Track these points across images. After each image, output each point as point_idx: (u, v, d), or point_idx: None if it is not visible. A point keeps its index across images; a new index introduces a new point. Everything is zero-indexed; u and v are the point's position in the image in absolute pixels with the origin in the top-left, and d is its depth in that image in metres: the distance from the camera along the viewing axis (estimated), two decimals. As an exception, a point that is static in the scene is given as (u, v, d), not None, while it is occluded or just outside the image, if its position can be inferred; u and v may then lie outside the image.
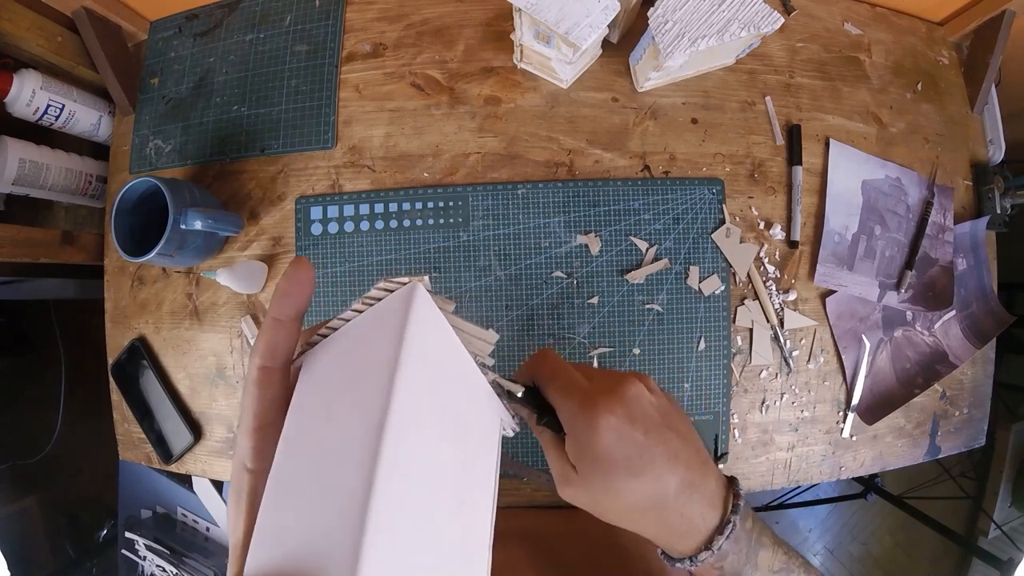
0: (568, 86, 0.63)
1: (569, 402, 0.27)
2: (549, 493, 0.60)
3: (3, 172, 0.61)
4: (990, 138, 0.71)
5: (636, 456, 0.26)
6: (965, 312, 0.68)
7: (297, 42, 0.66)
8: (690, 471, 0.27)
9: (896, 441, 0.66)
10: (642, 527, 0.28)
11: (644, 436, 0.26)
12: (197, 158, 0.67)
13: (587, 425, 0.26)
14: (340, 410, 0.20)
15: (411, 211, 0.62)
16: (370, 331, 0.21)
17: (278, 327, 0.22)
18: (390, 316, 0.21)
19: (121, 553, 0.80)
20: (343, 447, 0.18)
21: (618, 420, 0.26)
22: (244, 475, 0.22)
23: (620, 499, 0.26)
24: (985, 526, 1.43)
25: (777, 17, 0.51)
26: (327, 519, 0.17)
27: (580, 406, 0.26)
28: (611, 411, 0.26)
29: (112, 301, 0.69)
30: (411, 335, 0.20)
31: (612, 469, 0.26)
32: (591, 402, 0.26)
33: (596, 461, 0.26)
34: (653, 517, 0.27)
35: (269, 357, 0.22)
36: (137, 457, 0.68)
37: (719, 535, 0.28)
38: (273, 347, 0.22)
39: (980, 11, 0.66)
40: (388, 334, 0.20)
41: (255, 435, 0.22)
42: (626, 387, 0.27)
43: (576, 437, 0.27)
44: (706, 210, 0.62)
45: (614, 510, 0.27)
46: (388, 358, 0.19)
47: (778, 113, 0.64)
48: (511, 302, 0.62)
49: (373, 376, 0.19)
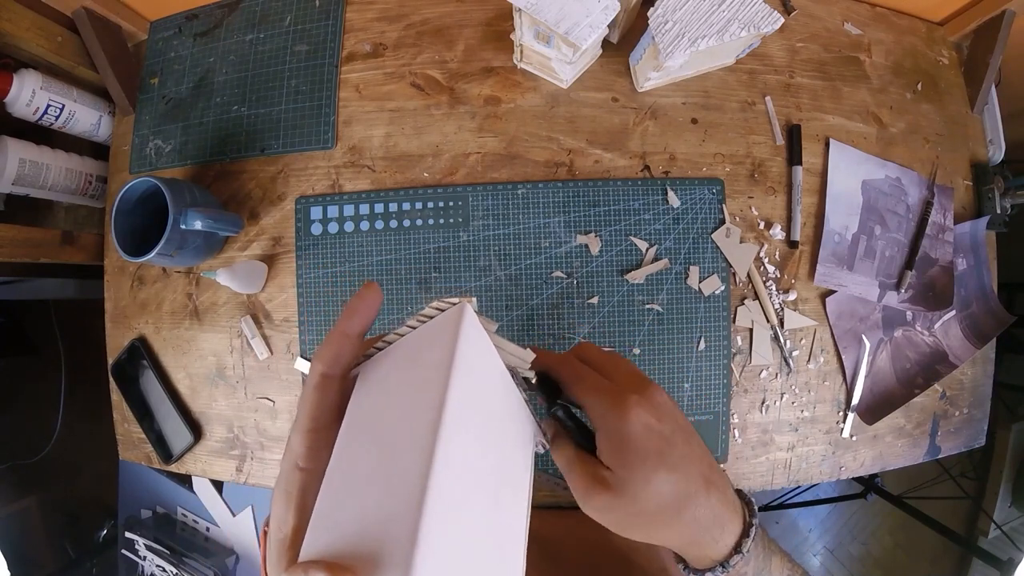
0: (568, 86, 0.63)
1: (605, 398, 0.27)
2: (549, 493, 0.60)
3: (3, 172, 0.61)
4: (990, 138, 0.71)
5: (668, 450, 0.26)
6: (965, 312, 0.68)
7: (297, 42, 0.66)
8: (711, 471, 0.28)
9: (896, 441, 0.66)
10: (676, 531, 0.27)
11: (671, 433, 0.27)
12: (197, 158, 0.67)
13: (624, 418, 0.26)
14: (396, 413, 0.22)
15: (411, 211, 0.62)
16: (424, 345, 0.24)
17: (344, 340, 0.24)
18: (442, 333, 0.23)
19: (121, 553, 0.80)
20: (400, 445, 0.20)
21: (648, 416, 0.27)
22: (296, 473, 0.24)
23: (658, 495, 0.26)
24: (985, 526, 1.43)
25: (777, 17, 0.51)
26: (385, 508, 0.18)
27: (616, 402, 0.27)
28: (641, 406, 0.27)
29: (112, 301, 0.69)
30: (461, 350, 0.22)
31: (647, 460, 0.26)
32: (622, 399, 0.27)
33: (634, 453, 0.26)
34: (687, 517, 0.27)
35: (332, 365, 0.24)
36: (137, 457, 0.68)
37: (745, 537, 0.28)
38: (337, 357, 0.24)
39: (980, 11, 0.66)
40: (441, 348, 0.22)
41: (310, 436, 0.24)
42: (653, 390, 0.28)
43: (611, 430, 0.27)
44: (706, 210, 0.62)
45: (649, 510, 0.26)
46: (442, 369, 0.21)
47: (778, 113, 0.64)
48: (511, 302, 0.62)
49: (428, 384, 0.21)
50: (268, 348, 0.64)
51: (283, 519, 0.23)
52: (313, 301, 0.63)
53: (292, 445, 0.24)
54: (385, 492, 0.19)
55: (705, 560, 0.29)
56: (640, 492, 0.26)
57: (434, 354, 0.22)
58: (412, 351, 0.24)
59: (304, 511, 0.23)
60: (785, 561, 0.32)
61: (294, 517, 0.23)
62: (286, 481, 0.24)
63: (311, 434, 0.24)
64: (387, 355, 0.25)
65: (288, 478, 0.24)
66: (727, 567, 0.28)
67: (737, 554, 0.28)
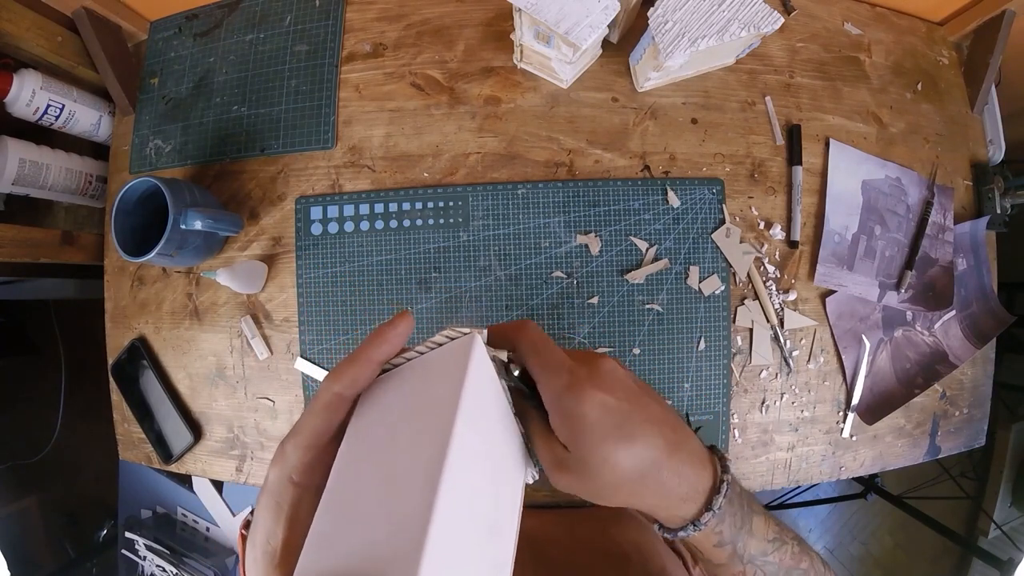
0: (568, 86, 0.63)
1: (555, 379, 0.27)
2: (549, 493, 0.60)
3: (3, 172, 0.61)
4: (990, 138, 0.71)
5: (626, 423, 0.26)
6: (965, 312, 0.68)
7: (297, 42, 0.66)
8: (675, 432, 0.28)
9: (896, 441, 0.66)
10: (641, 497, 0.27)
11: (628, 405, 0.27)
12: (197, 158, 0.67)
13: (576, 400, 0.26)
14: (403, 439, 0.22)
15: (411, 211, 0.62)
16: (432, 374, 0.24)
17: (366, 365, 0.24)
18: (452, 361, 0.23)
19: (121, 553, 0.80)
20: (404, 477, 0.20)
21: (603, 393, 0.26)
22: (289, 487, 0.23)
23: (618, 469, 0.26)
24: (985, 526, 1.43)
25: (777, 17, 0.51)
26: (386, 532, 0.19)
27: (567, 384, 0.26)
28: (596, 385, 0.26)
29: (112, 301, 0.69)
30: (470, 381, 0.22)
31: (605, 439, 0.26)
32: (575, 379, 0.26)
33: (589, 434, 0.26)
34: (652, 483, 0.27)
35: (348, 388, 0.24)
36: (137, 457, 0.68)
37: (716, 494, 0.28)
38: (355, 381, 0.24)
39: (980, 11, 0.66)
40: (451, 376, 0.23)
41: (310, 452, 0.24)
42: (602, 362, 0.28)
43: (565, 414, 0.26)
44: (706, 210, 0.62)
45: (612, 484, 0.26)
46: (450, 399, 0.21)
47: (778, 113, 0.64)
48: (511, 302, 0.62)
49: (435, 412, 0.21)
50: (268, 348, 0.64)
51: (272, 531, 0.23)
52: (313, 301, 0.63)
53: (288, 456, 0.24)
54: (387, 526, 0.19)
55: (676, 520, 0.29)
56: (600, 469, 0.26)
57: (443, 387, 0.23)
58: (420, 379, 0.24)
59: (295, 525, 0.23)
60: (771, 523, 0.31)
61: (284, 531, 0.23)
62: (277, 492, 0.24)
63: (311, 450, 0.24)
64: (393, 378, 0.26)
65: (280, 489, 0.24)
66: (699, 525, 0.28)
67: (708, 511, 0.28)
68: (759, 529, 0.30)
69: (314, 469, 0.24)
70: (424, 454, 0.20)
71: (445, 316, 0.62)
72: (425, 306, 0.62)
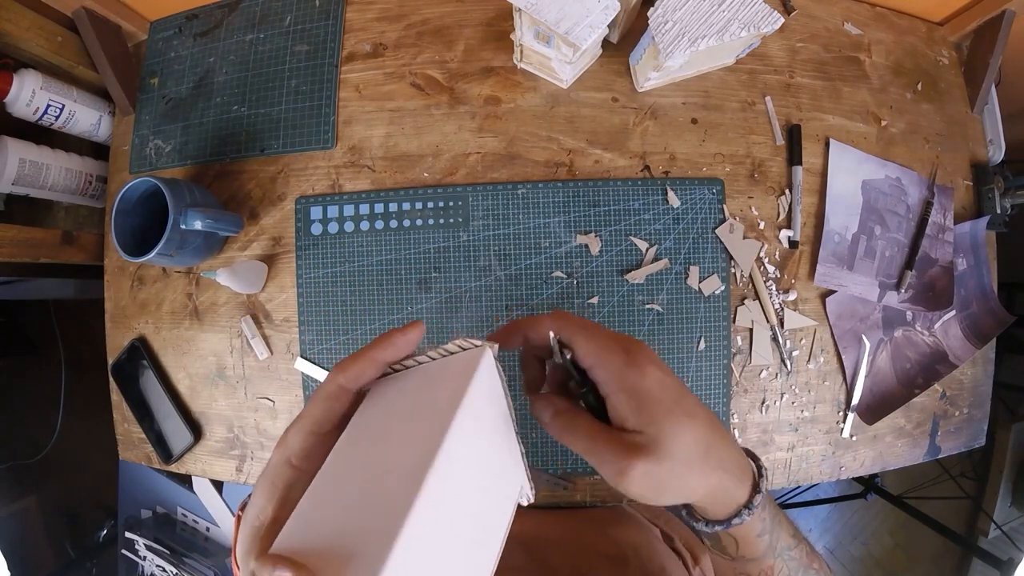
0: (568, 86, 0.63)
1: (615, 356, 0.26)
2: (548, 494, 0.60)
3: (3, 172, 0.61)
4: (990, 138, 0.71)
5: (682, 399, 0.26)
6: (965, 312, 0.68)
7: (297, 42, 0.66)
8: (716, 417, 0.28)
9: (896, 441, 0.66)
10: (707, 477, 0.26)
11: (678, 383, 0.27)
12: (197, 158, 0.67)
13: (641, 375, 0.25)
14: (397, 436, 0.23)
15: (411, 211, 0.62)
16: (438, 379, 0.25)
17: (371, 363, 0.25)
18: (459, 371, 0.24)
19: (121, 553, 0.80)
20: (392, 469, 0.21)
21: (659, 369, 0.26)
22: (286, 468, 0.24)
23: (690, 444, 0.25)
24: (985, 526, 1.43)
25: (777, 17, 0.51)
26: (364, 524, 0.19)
27: (627, 361, 0.26)
28: (651, 361, 0.26)
29: (112, 301, 0.69)
30: (472, 392, 0.23)
31: (671, 412, 0.25)
32: (632, 356, 0.26)
33: (658, 407, 0.25)
34: (714, 460, 0.26)
35: (351, 381, 0.25)
36: (137, 457, 0.68)
37: (760, 477, 0.28)
38: (358, 376, 0.25)
39: (980, 11, 0.66)
40: (454, 385, 0.23)
41: (310, 439, 0.25)
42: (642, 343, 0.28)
43: (631, 390, 0.25)
44: (706, 210, 0.62)
45: (685, 461, 0.25)
46: (449, 406, 0.22)
47: (778, 113, 0.64)
48: (511, 302, 0.62)
49: (433, 416, 0.22)
50: (268, 348, 0.64)
51: (263, 508, 0.24)
52: (313, 301, 0.63)
53: (289, 441, 0.25)
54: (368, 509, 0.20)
55: (731, 505, 0.28)
56: (673, 445, 0.25)
57: (446, 392, 0.23)
58: (426, 382, 0.25)
59: (286, 505, 0.23)
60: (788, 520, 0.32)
61: (274, 508, 0.23)
62: (274, 473, 0.25)
63: (311, 437, 0.25)
64: (401, 379, 0.26)
65: (277, 471, 0.25)
66: (752, 508, 0.28)
67: (757, 493, 0.28)
68: (784, 523, 0.31)
69: (313, 455, 0.25)
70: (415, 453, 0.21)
71: (445, 316, 0.62)
72: (425, 306, 0.62)
